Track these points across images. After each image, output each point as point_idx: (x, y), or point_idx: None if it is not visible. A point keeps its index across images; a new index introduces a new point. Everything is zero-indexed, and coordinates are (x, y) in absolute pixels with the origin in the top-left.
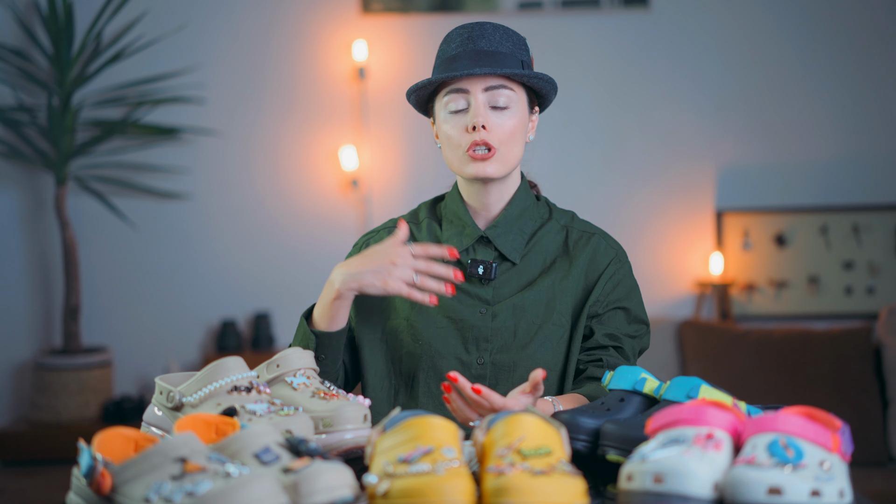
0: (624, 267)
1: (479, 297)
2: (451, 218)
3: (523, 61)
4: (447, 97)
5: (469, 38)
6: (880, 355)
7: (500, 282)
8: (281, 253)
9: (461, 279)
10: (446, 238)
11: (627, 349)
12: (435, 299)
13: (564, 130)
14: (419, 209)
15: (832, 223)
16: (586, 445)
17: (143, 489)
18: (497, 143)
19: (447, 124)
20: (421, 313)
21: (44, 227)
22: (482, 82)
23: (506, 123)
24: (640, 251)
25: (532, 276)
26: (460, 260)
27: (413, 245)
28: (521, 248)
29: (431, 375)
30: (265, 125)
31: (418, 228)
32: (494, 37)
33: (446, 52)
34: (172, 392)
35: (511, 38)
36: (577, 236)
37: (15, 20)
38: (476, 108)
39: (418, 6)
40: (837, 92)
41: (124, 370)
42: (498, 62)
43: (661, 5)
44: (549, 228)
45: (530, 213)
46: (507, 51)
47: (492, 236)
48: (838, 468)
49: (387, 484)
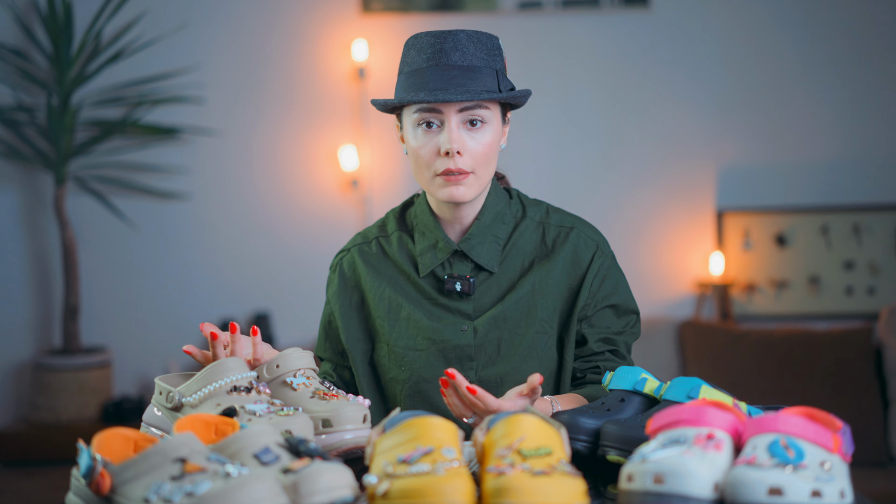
0: (607, 259)
1: (459, 312)
2: (422, 229)
3: (497, 71)
4: (417, 114)
5: (441, 51)
6: (881, 355)
7: (479, 293)
8: (281, 253)
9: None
10: (419, 252)
11: (622, 348)
12: None
13: (564, 130)
14: (387, 220)
15: (833, 223)
16: (586, 446)
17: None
18: (472, 167)
19: (416, 141)
20: (401, 337)
21: (43, 227)
22: (456, 104)
23: (480, 144)
24: (640, 251)
25: (512, 280)
26: (436, 275)
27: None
28: (497, 255)
29: (418, 400)
30: (265, 125)
31: (388, 242)
32: (468, 49)
33: (416, 63)
34: (172, 392)
35: (484, 47)
36: (556, 233)
37: (14, 20)
38: (450, 131)
39: (418, 6)
40: (837, 92)
41: (124, 370)
42: (472, 80)
43: (661, 5)
44: (524, 228)
45: (503, 217)
46: (481, 63)
47: (466, 249)
48: (839, 468)
49: (387, 484)
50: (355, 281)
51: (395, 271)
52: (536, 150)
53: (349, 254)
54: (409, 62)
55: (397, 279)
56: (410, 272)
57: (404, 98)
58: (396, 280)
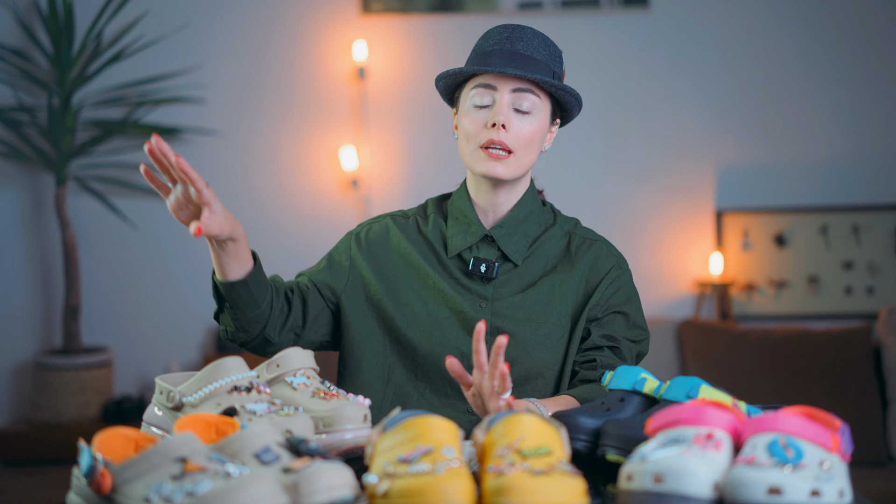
0: (624, 275)
1: (478, 294)
2: (456, 215)
3: (555, 72)
4: (474, 90)
5: (507, 39)
6: (880, 355)
7: (500, 281)
8: (281, 253)
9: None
10: (451, 235)
11: (625, 350)
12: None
13: (564, 130)
14: (427, 204)
15: (832, 223)
16: (586, 445)
17: (143, 489)
18: (514, 145)
19: (468, 117)
20: (426, 303)
21: (44, 227)
22: (511, 83)
23: (526, 128)
24: (640, 251)
25: (533, 278)
26: (463, 258)
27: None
28: (524, 250)
29: (429, 362)
30: (265, 125)
31: (425, 222)
32: (533, 42)
33: (483, 47)
34: (172, 392)
35: (548, 48)
36: (580, 242)
37: (15, 20)
38: (500, 106)
39: (418, 6)
40: (837, 92)
41: (124, 370)
42: (530, 67)
43: (661, 5)
44: (552, 233)
45: (535, 217)
46: (542, 58)
47: (496, 236)
48: (838, 468)
49: (387, 484)
50: (367, 250)
51: (426, 247)
52: None
53: (381, 222)
54: (476, 48)
55: (427, 253)
56: (440, 251)
57: (465, 68)
58: (426, 254)
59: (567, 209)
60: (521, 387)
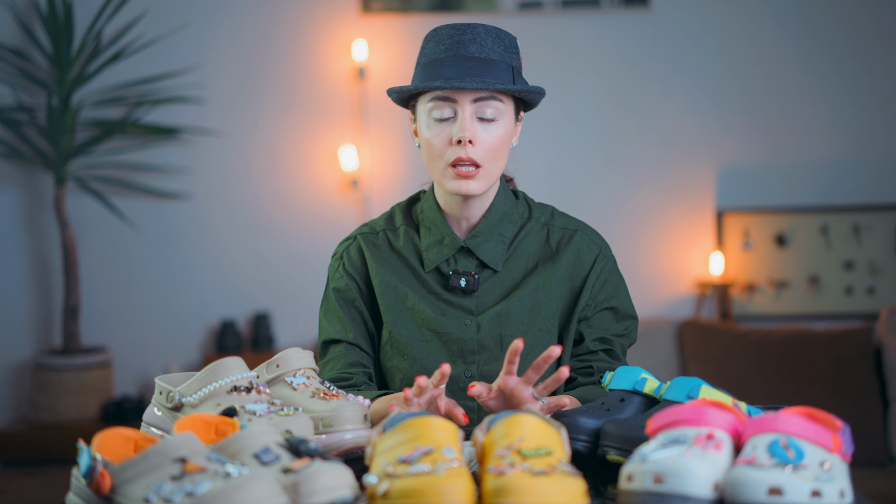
0: (609, 262)
1: (462, 308)
2: (428, 225)
3: (513, 67)
4: (431, 103)
5: (459, 42)
6: (880, 355)
7: (482, 290)
8: (281, 253)
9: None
10: (425, 247)
11: (617, 349)
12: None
13: (564, 130)
14: (393, 213)
15: (832, 223)
16: (586, 445)
17: (142, 489)
18: (482, 159)
19: (430, 131)
20: (406, 327)
21: (43, 227)
22: (471, 93)
23: (493, 137)
24: (640, 251)
25: (515, 281)
26: (441, 270)
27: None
28: (502, 254)
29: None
30: (265, 125)
31: (395, 235)
32: (486, 42)
33: (434, 53)
34: (172, 392)
35: (502, 43)
36: (559, 235)
37: (14, 20)
38: (463, 120)
39: (418, 6)
40: (837, 92)
41: (124, 370)
42: (488, 71)
43: (661, 5)
44: (529, 229)
45: (510, 217)
46: (498, 57)
47: (472, 246)
48: (839, 468)
49: (387, 484)
50: (360, 268)
51: (401, 263)
52: (537, 150)
53: (355, 241)
54: (426, 53)
55: (403, 271)
56: (416, 266)
57: (420, 85)
58: (402, 272)
59: (567, 209)
60: None
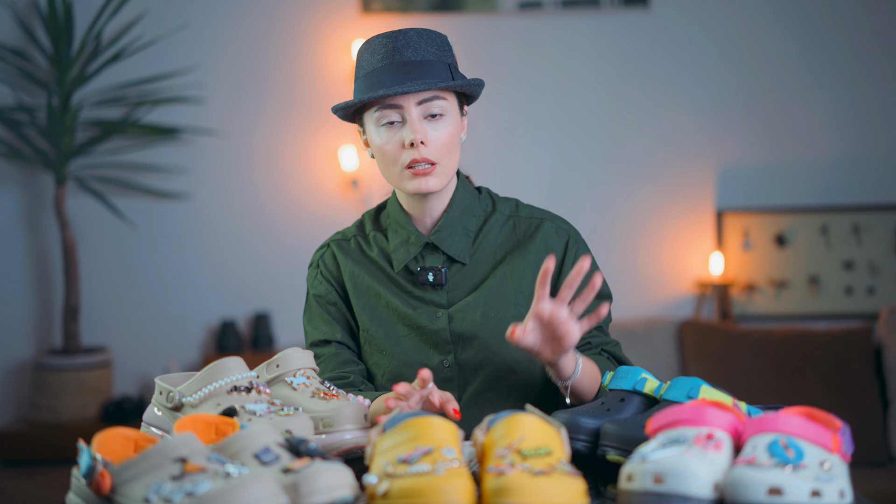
0: (581, 246)
1: (433, 303)
2: (395, 227)
3: (450, 64)
4: (378, 112)
5: (394, 49)
6: (880, 355)
7: (452, 284)
8: (281, 253)
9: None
10: (393, 248)
11: (605, 327)
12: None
13: (564, 130)
14: (364, 221)
15: (832, 223)
16: (586, 445)
17: (142, 489)
18: (436, 156)
19: (381, 138)
20: (382, 325)
21: (43, 227)
22: (415, 96)
23: (442, 133)
24: (640, 251)
25: (484, 273)
26: (410, 269)
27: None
28: (468, 247)
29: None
30: (265, 125)
31: (366, 241)
32: (420, 45)
33: (371, 64)
34: (172, 392)
35: (435, 43)
36: (526, 225)
37: (15, 20)
38: (412, 123)
39: (418, 6)
40: (837, 92)
41: (124, 370)
42: (427, 73)
43: (661, 5)
44: (494, 221)
45: (473, 210)
46: (434, 57)
47: (437, 241)
48: (839, 468)
49: (387, 484)
50: (336, 274)
51: (374, 267)
52: (537, 150)
53: (328, 249)
54: (363, 65)
55: (376, 273)
56: (386, 268)
57: (364, 97)
58: (375, 273)
59: (567, 209)
60: (494, 386)
